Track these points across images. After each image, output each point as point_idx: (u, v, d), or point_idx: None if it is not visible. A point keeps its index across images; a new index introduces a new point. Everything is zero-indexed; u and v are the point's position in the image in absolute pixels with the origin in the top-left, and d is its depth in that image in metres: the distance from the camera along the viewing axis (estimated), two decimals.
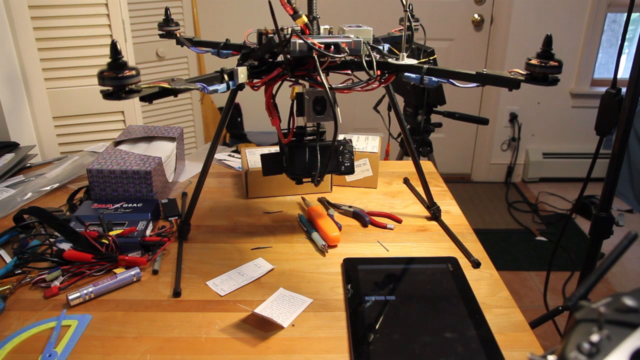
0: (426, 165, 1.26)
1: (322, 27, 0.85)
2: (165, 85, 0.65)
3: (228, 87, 0.76)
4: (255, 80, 0.81)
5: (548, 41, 0.66)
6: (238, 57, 0.85)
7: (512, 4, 2.92)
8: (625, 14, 1.15)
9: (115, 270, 0.84)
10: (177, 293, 0.79)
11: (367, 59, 0.79)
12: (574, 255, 2.49)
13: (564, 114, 3.19)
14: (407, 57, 0.82)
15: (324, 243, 0.92)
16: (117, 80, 0.59)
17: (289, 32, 0.75)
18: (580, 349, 0.28)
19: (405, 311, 0.75)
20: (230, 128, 3.11)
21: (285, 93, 0.86)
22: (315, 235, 0.95)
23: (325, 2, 2.92)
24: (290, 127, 0.85)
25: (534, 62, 0.67)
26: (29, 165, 1.28)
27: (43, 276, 0.81)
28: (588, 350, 0.28)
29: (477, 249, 0.92)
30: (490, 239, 2.64)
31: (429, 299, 0.78)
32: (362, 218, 1.01)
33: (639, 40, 1.10)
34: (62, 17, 1.47)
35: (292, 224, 1.01)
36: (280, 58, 0.80)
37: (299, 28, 0.81)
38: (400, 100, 1.75)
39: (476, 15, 3.02)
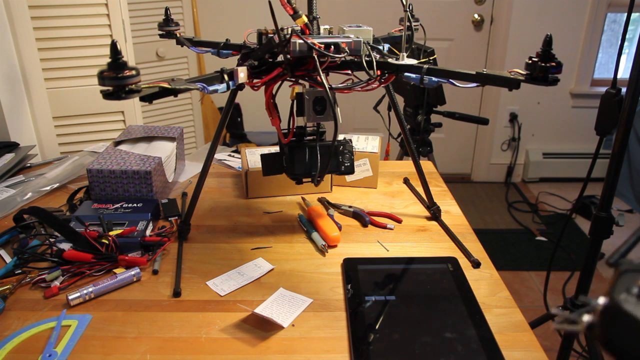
0: (426, 165, 1.26)
1: (322, 27, 0.85)
2: (165, 85, 0.65)
3: (228, 87, 0.76)
4: (255, 80, 0.81)
5: (548, 41, 0.66)
6: (238, 57, 0.85)
7: (512, 4, 2.92)
8: (625, 14, 1.15)
9: (115, 270, 0.84)
10: (177, 293, 0.79)
11: (367, 59, 0.79)
12: (574, 255, 2.49)
13: (564, 114, 3.19)
14: (407, 57, 0.82)
15: (324, 243, 0.92)
16: (117, 80, 0.59)
17: (289, 32, 0.75)
18: (629, 291, 0.29)
19: (405, 311, 0.75)
20: (230, 128, 3.11)
21: (285, 93, 0.86)
22: (315, 235, 0.95)
23: (325, 2, 2.93)
24: (290, 127, 0.85)
25: (533, 62, 0.67)
26: (29, 165, 1.28)
27: (43, 276, 0.81)
28: (638, 292, 0.29)
29: (477, 249, 0.92)
30: (490, 239, 2.64)
31: (429, 299, 0.78)
32: (362, 218, 1.01)
33: (639, 40, 1.10)
34: (62, 17, 1.47)
35: (292, 224, 1.01)
36: (280, 58, 0.80)
37: (299, 28, 0.81)
38: (400, 100, 1.74)
39: (476, 15, 3.02)
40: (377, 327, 0.71)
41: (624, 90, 1.16)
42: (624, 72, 2.81)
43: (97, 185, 1.01)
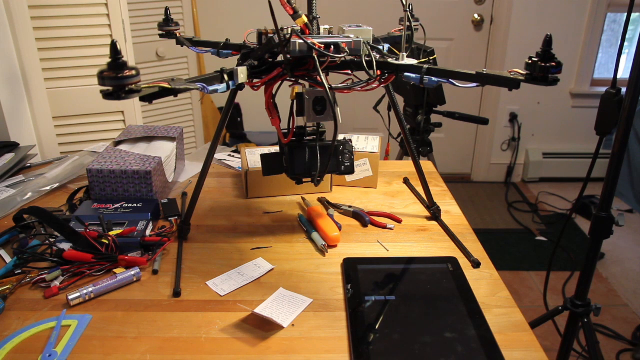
0: (426, 165, 1.26)
1: (322, 27, 0.85)
2: (165, 85, 0.65)
3: (228, 87, 0.76)
4: (255, 80, 0.81)
5: (548, 41, 0.66)
6: (238, 57, 0.85)
7: (512, 4, 2.92)
8: (625, 14, 1.15)
9: (115, 270, 0.84)
10: (177, 293, 0.79)
11: (367, 59, 0.79)
12: (574, 255, 2.49)
13: (564, 114, 3.19)
14: (407, 57, 0.82)
15: (324, 243, 0.92)
16: (117, 80, 0.59)
17: (289, 32, 0.75)
18: None
19: (405, 311, 0.75)
20: (230, 128, 3.11)
21: (285, 93, 0.86)
22: (315, 235, 0.95)
23: (325, 2, 2.92)
24: (290, 127, 0.85)
25: (533, 62, 0.67)
26: (29, 165, 1.28)
27: (43, 276, 0.81)
28: None
29: (477, 249, 0.92)
30: (490, 239, 2.64)
31: (429, 299, 0.78)
32: (362, 218, 1.01)
33: (639, 40, 1.10)
34: (62, 17, 1.47)
35: (292, 224, 1.01)
36: (280, 58, 0.80)
37: (299, 28, 0.81)
38: (400, 100, 1.74)
39: (476, 15, 3.02)
40: (377, 327, 0.71)
41: (624, 90, 1.16)
42: (624, 72, 2.81)
43: (97, 185, 1.01)
